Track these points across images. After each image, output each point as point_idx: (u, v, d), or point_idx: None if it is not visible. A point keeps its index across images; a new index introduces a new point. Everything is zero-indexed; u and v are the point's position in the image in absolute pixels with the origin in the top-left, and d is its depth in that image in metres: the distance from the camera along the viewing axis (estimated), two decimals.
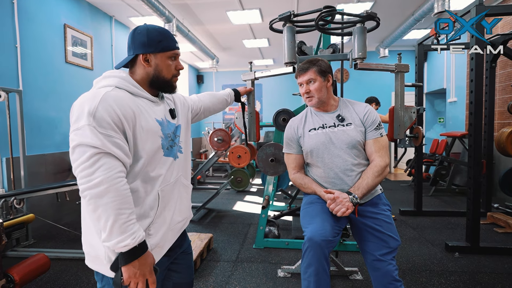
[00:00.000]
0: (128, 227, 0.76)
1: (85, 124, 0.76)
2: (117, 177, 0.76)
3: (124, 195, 0.76)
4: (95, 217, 0.76)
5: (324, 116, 1.47)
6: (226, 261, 2.37)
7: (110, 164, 0.76)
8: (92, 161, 0.74)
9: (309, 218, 1.32)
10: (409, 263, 2.28)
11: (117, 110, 0.79)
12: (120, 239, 0.75)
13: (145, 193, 0.87)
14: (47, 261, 1.79)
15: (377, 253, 1.27)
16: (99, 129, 0.76)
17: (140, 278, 0.79)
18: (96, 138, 0.75)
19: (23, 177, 2.78)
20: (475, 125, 2.40)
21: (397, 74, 1.74)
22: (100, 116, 0.76)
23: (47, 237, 2.90)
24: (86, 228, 0.86)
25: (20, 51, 2.91)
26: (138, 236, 0.78)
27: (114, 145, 0.77)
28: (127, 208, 0.77)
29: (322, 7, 1.48)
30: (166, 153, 0.92)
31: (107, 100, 0.79)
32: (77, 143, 0.76)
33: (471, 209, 2.40)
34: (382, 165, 1.36)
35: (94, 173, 0.74)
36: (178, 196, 0.99)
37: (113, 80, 0.87)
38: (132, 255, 0.77)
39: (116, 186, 0.75)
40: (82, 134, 0.75)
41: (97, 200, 0.74)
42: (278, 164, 2.39)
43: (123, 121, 0.80)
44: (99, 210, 0.74)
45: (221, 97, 1.46)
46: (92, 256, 0.86)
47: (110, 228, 0.74)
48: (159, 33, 0.92)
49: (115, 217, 0.74)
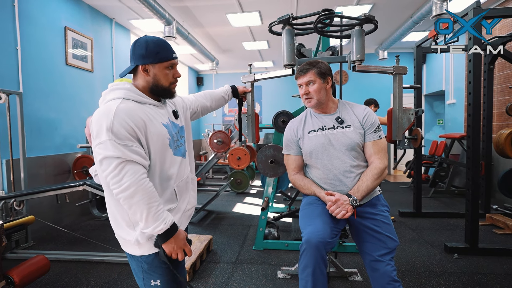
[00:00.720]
0: (159, 216, 0.92)
1: (106, 139, 0.89)
2: (141, 179, 0.90)
3: (150, 191, 0.91)
4: (131, 213, 0.92)
5: (323, 118, 1.48)
6: (226, 262, 2.38)
7: (133, 169, 0.89)
8: (118, 169, 0.88)
9: (308, 219, 1.33)
10: (409, 264, 2.28)
11: (130, 122, 0.91)
12: (155, 226, 0.91)
13: (163, 190, 1.01)
14: (47, 263, 1.80)
15: (376, 253, 1.28)
16: (118, 141, 0.89)
17: (178, 250, 0.98)
18: (117, 149, 0.88)
19: (23, 179, 2.78)
20: (474, 126, 2.41)
21: (395, 76, 1.76)
22: (117, 130, 0.89)
23: (47, 239, 2.90)
24: (115, 221, 1.02)
25: (20, 53, 2.93)
26: (168, 220, 0.94)
27: (133, 153, 0.90)
28: (155, 201, 0.92)
29: (321, 10, 1.50)
30: (175, 152, 1.05)
31: (119, 115, 0.91)
32: (103, 156, 0.89)
33: (470, 211, 2.41)
34: (381, 167, 1.37)
35: (122, 179, 0.88)
36: (189, 189, 1.13)
37: (120, 93, 0.97)
38: (167, 235, 0.94)
39: (142, 186, 0.89)
40: (105, 147, 0.88)
41: (130, 200, 0.89)
42: (278, 165, 2.39)
43: (136, 130, 0.92)
44: (133, 207, 0.90)
45: (217, 95, 1.51)
46: (123, 242, 1.02)
47: (146, 219, 0.90)
48: (157, 45, 1.00)
49: (148, 210, 0.90)
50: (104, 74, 4.20)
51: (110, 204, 1.01)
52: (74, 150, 3.58)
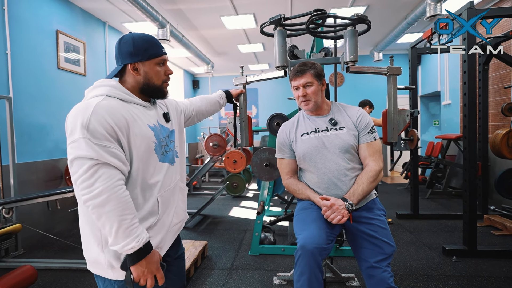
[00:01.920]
0: (131, 231, 0.80)
1: (79, 137, 0.78)
2: (116, 185, 0.79)
3: (125, 202, 0.80)
4: (100, 225, 0.80)
5: (316, 120, 1.45)
6: (221, 268, 2.32)
7: (108, 173, 0.78)
8: (90, 172, 0.77)
9: (302, 225, 1.28)
10: (407, 267, 2.25)
11: (109, 120, 0.81)
12: (126, 243, 0.79)
13: (144, 200, 0.89)
14: (34, 273, 1.74)
15: (372, 260, 1.24)
16: (94, 140, 0.78)
17: (149, 275, 0.85)
18: (92, 149, 0.77)
19: (12, 185, 2.72)
20: (469, 127, 2.39)
21: (389, 77, 1.73)
22: (93, 127, 0.79)
23: (38, 247, 2.83)
24: (85, 236, 0.89)
25: (10, 57, 2.87)
26: (142, 238, 0.82)
27: (110, 155, 0.80)
28: (129, 214, 0.80)
29: (313, 10, 1.47)
30: (161, 158, 0.94)
31: (99, 111, 0.80)
32: (74, 156, 0.78)
33: (468, 212, 2.38)
34: (377, 170, 1.34)
35: (94, 184, 0.77)
36: (176, 200, 1.02)
37: (103, 89, 0.88)
38: (139, 255, 0.82)
39: (116, 194, 0.78)
40: (78, 147, 0.78)
41: (100, 209, 0.77)
42: (273, 169, 2.35)
43: (117, 130, 0.82)
44: (103, 218, 0.78)
45: (213, 99, 1.47)
46: (92, 262, 0.90)
47: (115, 233, 0.79)
48: (145, 41, 0.93)
49: (119, 223, 0.78)
50: (97, 78, 4.14)
51: (81, 215, 0.89)
52: (66, 155, 3.50)
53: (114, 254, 0.85)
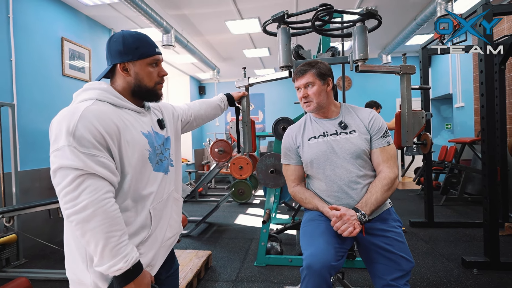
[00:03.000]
0: (119, 250, 0.73)
1: (64, 144, 0.71)
2: (103, 198, 0.72)
3: (113, 217, 0.73)
4: (84, 242, 0.73)
5: (324, 123, 1.34)
6: (225, 280, 2.21)
7: (95, 185, 0.72)
8: (75, 184, 0.71)
9: (309, 239, 1.17)
10: (424, 280, 2.09)
11: (98, 127, 0.74)
12: (112, 263, 0.72)
13: (136, 212, 0.83)
14: (29, 286, 1.66)
15: (388, 277, 1.11)
16: (80, 148, 0.72)
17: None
18: (78, 159, 0.71)
19: (14, 193, 2.68)
20: (488, 130, 2.25)
21: (402, 76, 1.62)
22: (80, 134, 0.72)
23: (40, 256, 2.77)
24: (69, 253, 0.82)
25: (15, 65, 2.87)
26: (131, 258, 0.75)
27: (98, 165, 0.73)
28: (117, 230, 0.73)
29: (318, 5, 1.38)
30: (155, 168, 0.88)
31: (87, 117, 0.74)
32: (57, 166, 0.72)
33: (489, 221, 2.22)
34: (392, 177, 1.22)
35: (78, 197, 0.71)
36: (170, 212, 0.95)
37: (93, 93, 0.82)
38: (127, 277, 0.74)
39: (103, 208, 0.71)
40: (62, 155, 0.71)
41: (84, 225, 0.71)
42: (279, 175, 2.25)
43: (106, 137, 0.76)
44: (87, 235, 0.71)
45: (213, 103, 1.39)
46: (76, 282, 0.81)
47: (101, 252, 0.71)
48: (136, 39, 0.86)
49: (105, 241, 0.71)
50: None
51: (66, 230, 0.83)
52: None
53: (100, 274, 0.77)
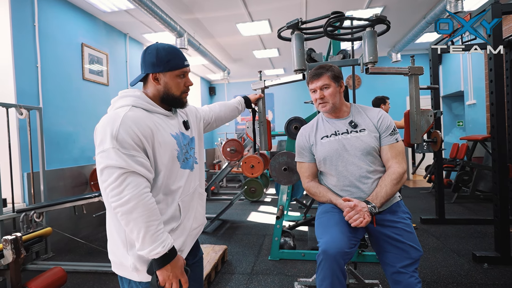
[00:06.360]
0: (157, 237, 0.84)
1: (109, 147, 0.83)
2: (143, 193, 0.83)
3: (151, 209, 0.84)
4: (128, 230, 0.84)
5: (336, 122, 1.44)
6: (241, 273, 2.32)
7: (136, 182, 0.83)
8: (119, 181, 0.82)
9: (324, 229, 1.27)
10: (434, 274, 2.15)
11: (136, 131, 0.85)
12: (152, 248, 0.83)
13: (167, 204, 0.93)
14: (64, 275, 1.81)
15: (398, 264, 1.20)
16: (123, 150, 0.83)
17: (174, 279, 0.88)
18: (121, 159, 0.82)
19: (42, 191, 2.86)
20: (498, 127, 2.28)
21: (410, 77, 1.69)
22: (122, 138, 0.83)
23: (65, 250, 2.95)
24: (111, 239, 0.93)
25: (40, 71, 3.05)
26: (167, 243, 0.85)
27: (137, 164, 0.84)
28: (155, 220, 0.84)
29: (330, 13, 1.47)
30: (182, 165, 0.98)
31: (126, 122, 0.85)
32: (104, 166, 0.83)
33: (499, 217, 2.26)
34: (400, 172, 1.30)
35: (122, 192, 0.81)
36: (195, 205, 1.05)
37: (129, 100, 0.93)
38: (164, 260, 0.85)
39: (143, 201, 0.82)
40: (108, 156, 0.82)
41: (128, 215, 0.82)
42: (292, 173, 2.34)
43: (143, 140, 0.87)
44: (131, 224, 0.82)
45: (231, 105, 1.50)
46: (117, 264, 0.93)
47: (142, 239, 0.82)
48: (168, 52, 0.96)
49: (146, 229, 0.82)
50: (119, 87, 4.31)
51: (109, 219, 0.93)
52: (91, 162, 3.66)
53: (139, 257, 0.88)
